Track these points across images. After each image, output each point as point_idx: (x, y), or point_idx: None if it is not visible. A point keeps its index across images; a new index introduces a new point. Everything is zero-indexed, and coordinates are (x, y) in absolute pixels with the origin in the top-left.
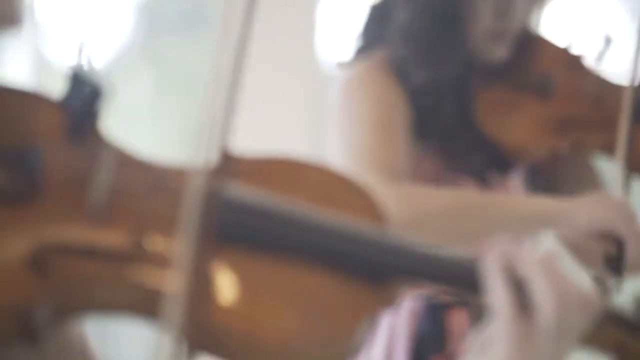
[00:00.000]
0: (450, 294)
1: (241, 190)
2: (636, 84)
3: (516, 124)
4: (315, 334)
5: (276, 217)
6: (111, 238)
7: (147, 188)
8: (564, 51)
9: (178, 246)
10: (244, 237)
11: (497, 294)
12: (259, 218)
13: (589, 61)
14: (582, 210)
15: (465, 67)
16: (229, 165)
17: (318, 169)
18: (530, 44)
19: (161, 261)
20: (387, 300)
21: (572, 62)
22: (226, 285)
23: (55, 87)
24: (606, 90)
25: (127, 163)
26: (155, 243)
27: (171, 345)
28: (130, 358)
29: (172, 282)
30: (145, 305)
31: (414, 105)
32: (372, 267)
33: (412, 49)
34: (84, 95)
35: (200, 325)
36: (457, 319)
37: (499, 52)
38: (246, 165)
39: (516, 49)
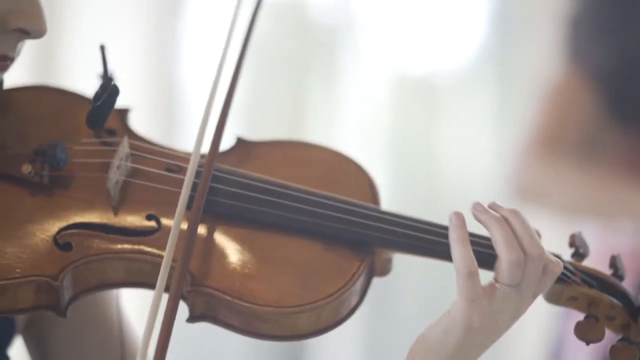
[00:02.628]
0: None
1: (237, 170)
2: None
3: None
4: (308, 294)
5: (271, 194)
6: (128, 218)
7: (162, 171)
8: None
9: (180, 221)
10: (240, 213)
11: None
12: (255, 196)
13: None
14: None
15: None
16: (240, 148)
17: (320, 149)
18: None
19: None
20: (378, 268)
21: None
22: (227, 255)
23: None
24: None
25: (142, 150)
26: (168, 221)
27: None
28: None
29: (176, 254)
30: (153, 276)
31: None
32: (360, 236)
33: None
34: (101, 93)
35: (202, 292)
36: None
37: None
38: (257, 148)
39: None
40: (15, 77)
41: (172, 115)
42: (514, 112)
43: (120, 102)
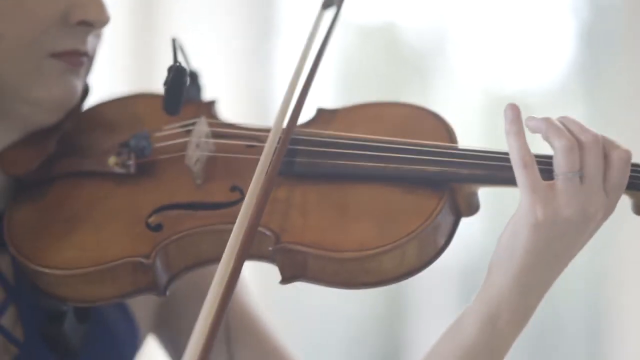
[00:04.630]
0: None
1: (315, 131)
2: None
3: None
4: (388, 234)
5: (347, 147)
6: (213, 192)
7: (241, 146)
8: None
9: (257, 182)
10: (318, 170)
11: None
12: (332, 151)
13: None
14: None
15: None
16: (321, 118)
17: (394, 104)
18: None
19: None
20: (463, 205)
21: None
22: (307, 211)
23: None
24: None
25: (221, 126)
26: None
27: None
28: None
29: (252, 215)
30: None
31: None
32: (433, 175)
33: None
34: (168, 76)
35: (286, 249)
36: None
37: None
38: (336, 114)
39: None
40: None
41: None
42: (604, 129)
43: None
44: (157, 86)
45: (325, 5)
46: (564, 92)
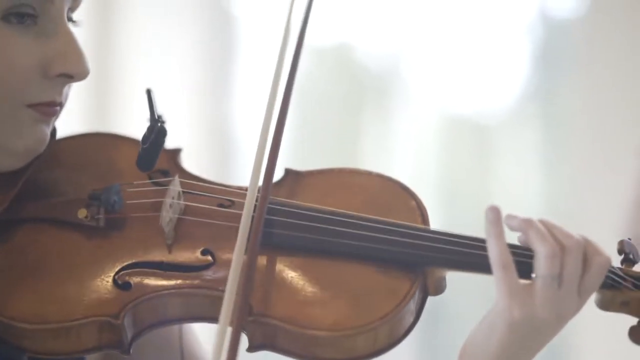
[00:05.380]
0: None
1: (291, 201)
2: None
3: None
4: (363, 316)
5: (323, 222)
6: (183, 254)
7: (214, 207)
8: None
9: (236, 253)
10: (294, 242)
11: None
12: (309, 224)
13: None
14: None
15: None
16: (289, 180)
17: (367, 175)
18: None
19: (226, 269)
20: (432, 286)
21: None
22: (283, 284)
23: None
24: None
25: (194, 188)
26: (222, 254)
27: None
28: None
29: (232, 286)
30: (212, 310)
31: None
32: (410, 257)
33: None
34: (149, 135)
35: (261, 322)
36: None
37: None
38: (306, 178)
39: None
40: (70, 124)
41: (224, 155)
42: (561, 148)
43: (172, 143)
44: (112, 115)
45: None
46: (519, 112)
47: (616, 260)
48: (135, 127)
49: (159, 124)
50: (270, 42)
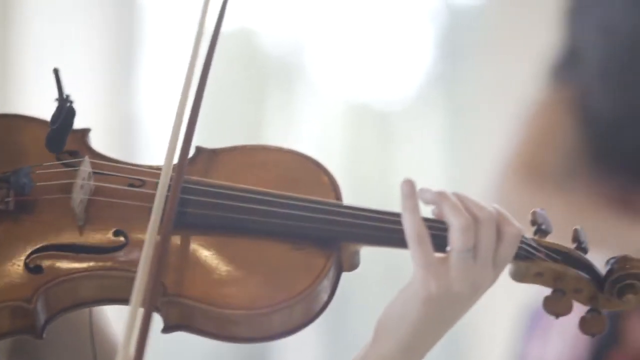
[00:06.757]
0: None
1: (205, 180)
2: None
3: None
4: (279, 294)
5: (237, 200)
6: (95, 235)
7: (125, 187)
8: None
9: (149, 233)
10: (208, 221)
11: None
12: (222, 203)
13: None
14: None
15: None
16: (201, 158)
17: (280, 151)
18: None
19: (140, 250)
20: (346, 262)
21: None
22: (197, 264)
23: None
24: None
25: (104, 168)
26: (135, 235)
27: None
28: None
29: (144, 266)
30: (126, 292)
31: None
32: (325, 233)
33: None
34: (58, 115)
35: (175, 302)
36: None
37: None
38: (218, 156)
39: None
40: None
41: (130, 137)
42: (464, 134)
43: (79, 124)
44: (16, 99)
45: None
46: (423, 98)
47: (530, 232)
48: (39, 109)
49: (68, 104)
50: (175, 24)
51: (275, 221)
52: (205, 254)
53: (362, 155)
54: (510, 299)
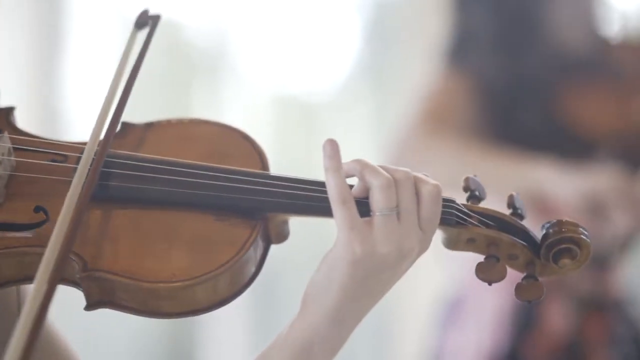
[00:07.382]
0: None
1: (129, 153)
2: None
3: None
4: (201, 265)
5: (158, 172)
6: (15, 212)
7: (47, 162)
8: None
9: (66, 205)
10: (131, 194)
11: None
12: (144, 175)
13: None
14: None
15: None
16: (132, 132)
17: (207, 124)
18: None
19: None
20: (274, 233)
21: None
22: (118, 237)
23: None
24: None
25: (24, 143)
26: (57, 211)
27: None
28: None
29: (64, 240)
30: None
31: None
32: (249, 203)
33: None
34: None
35: (94, 277)
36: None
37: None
38: (146, 131)
39: None
40: None
41: (54, 115)
42: (391, 124)
43: (4, 103)
44: None
45: (139, 25)
46: (350, 90)
47: (463, 198)
48: None
49: None
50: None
51: (196, 192)
52: (127, 228)
53: (287, 146)
54: (427, 290)
